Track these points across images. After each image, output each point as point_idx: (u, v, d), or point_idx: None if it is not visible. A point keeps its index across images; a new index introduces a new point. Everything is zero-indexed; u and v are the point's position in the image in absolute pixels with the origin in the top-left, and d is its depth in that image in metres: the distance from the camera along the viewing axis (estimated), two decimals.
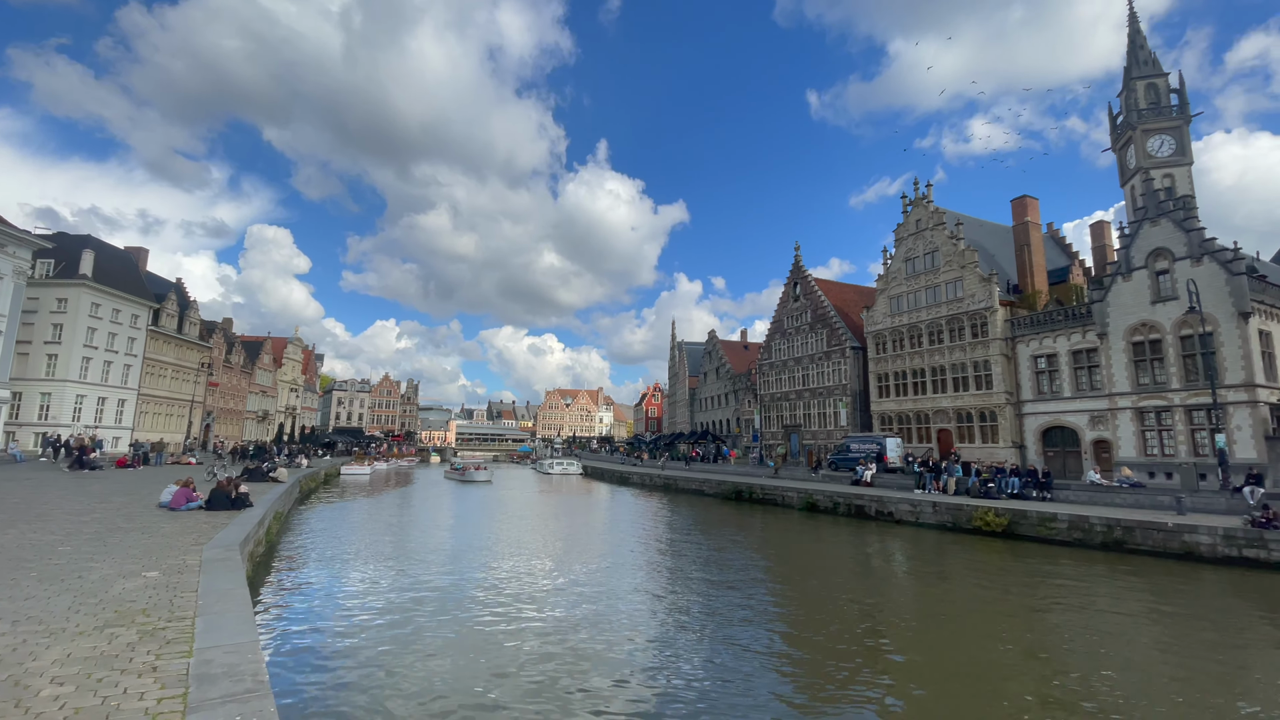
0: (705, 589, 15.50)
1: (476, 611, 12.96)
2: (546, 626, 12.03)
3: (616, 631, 11.79)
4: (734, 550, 21.04)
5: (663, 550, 21.21)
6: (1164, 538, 18.94)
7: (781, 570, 18.22)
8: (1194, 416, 27.60)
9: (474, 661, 10.06)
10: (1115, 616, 13.29)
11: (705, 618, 12.91)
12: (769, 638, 11.61)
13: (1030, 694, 9.01)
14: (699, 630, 12.04)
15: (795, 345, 53.92)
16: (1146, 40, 43.47)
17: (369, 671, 9.49)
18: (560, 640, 11.18)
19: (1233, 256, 27.58)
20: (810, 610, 13.80)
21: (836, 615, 13.28)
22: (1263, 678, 9.75)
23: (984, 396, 36.75)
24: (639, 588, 15.65)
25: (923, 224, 42.12)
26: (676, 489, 44.69)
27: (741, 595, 14.86)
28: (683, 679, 9.53)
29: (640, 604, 13.99)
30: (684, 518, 30.41)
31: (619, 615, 12.92)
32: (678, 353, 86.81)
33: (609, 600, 14.16)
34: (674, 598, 14.63)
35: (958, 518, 24.38)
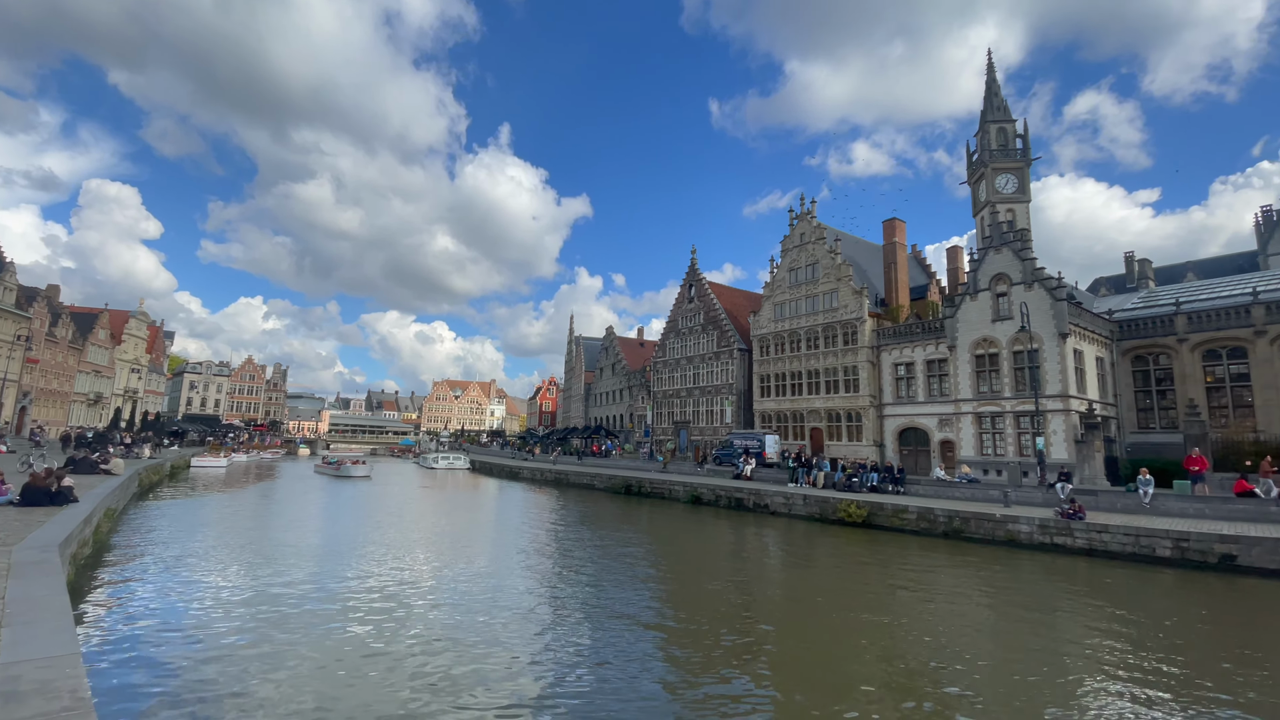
0: (591, 582, 15.69)
1: (344, 619, 12.23)
2: (424, 629, 11.63)
3: (499, 635, 11.61)
4: (621, 543, 21.44)
5: (550, 545, 21.17)
6: (993, 527, 21.71)
7: (665, 561, 18.82)
8: (1020, 421, 31.84)
9: (338, 674, 9.50)
10: (954, 596, 15.10)
11: (591, 610, 13.09)
12: (651, 629, 11.99)
13: (880, 667, 10.04)
14: (584, 622, 12.19)
15: (688, 345, 55.69)
16: (1001, 89, 49.35)
17: (217, 687, 8.71)
18: (438, 644, 10.86)
19: (1057, 284, 32.10)
20: (689, 598, 14.41)
21: (713, 602, 13.98)
22: (1074, 649, 11.50)
23: (851, 399, 40.08)
24: (526, 586, 15.53)
25: (806, 238, 45.08)
26: (568, 484, 44.67)
27: (627, 587, 15.22)
28: (567, 676, 9.62)
29: (526, 602, 13.90)
30: (574, 512, 30.50)
31: (502, 617, 12.74)
32: (575, 347, 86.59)
33: (493, 600, 13.93)
34: (561, 593, 14.69)
35: (825, 509, 26.46)
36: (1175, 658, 10.50)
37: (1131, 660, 10.38)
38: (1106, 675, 9.74)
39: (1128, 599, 14.71)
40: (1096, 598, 14.80)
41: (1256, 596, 14.83)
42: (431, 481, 49.35)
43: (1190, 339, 32.53)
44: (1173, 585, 15.93)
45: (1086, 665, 10.22)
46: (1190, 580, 16.23)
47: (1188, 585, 15.82)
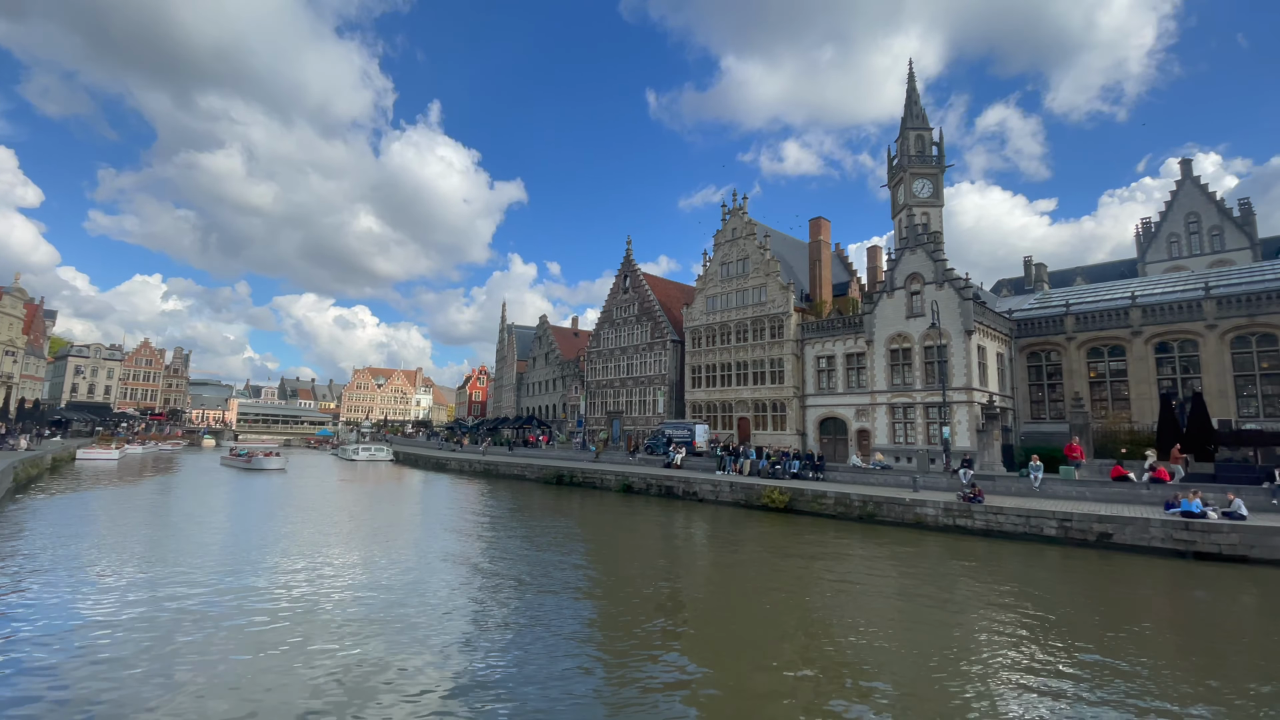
0: (519, 573, 15.62)
1: (252, 620, 11.63)
2: (340, 627, 11.23)
3: (421, 631, 11.34)
4: (550, 533, 21.41)
5: (477, 538, 20.85)
6: (903, 510, 23.20)
7: (594, 550, 18.96)
8: (929, 412, 34.09)
9: (245, 677, 9.06)
10: (867, 577, 16.07)
11: (517, 601, 13.04)
12: (578, 618, 12.09)
13: (800, 646, 10.59)
14: (510, 613, 12.14)
15: (622, 335, 55.90)
16: (920, 98, 52.15)
17: (102, 696, 8.10)
18: (356, 642, 10.53)
19: (964, 285, 34.45)
20: (617, 586, 14.62)
21: (641, 589, 14.25)
22: (972, 621, 12.50)
23: (777, 390, 41.59)
24: (450, 580, 15.25)
25: (738, 233, 46.17)
26: (498, 475, 43.99)
27: (555, 577, 15.25)
28: (490, 667, 9.57)
29: (450, 596, 13.66)
30: (503, 504, 30.11)
31: (425, 611, 12.46)
32: (507, 335, 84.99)
33: (416, 595, 13.60)
34: (487, 585, 14.53)
35: (750, 496, 27.42)
36: (1059, 627, 11.66)
37: (1022, 630, 11.46)
38: (1001, 644, 10.71)
39: (1018, 575, 16.16)
40: (992, 574, 16.17)
41: (1128, 570, 16.64)
42: (351, 474, 47.30)
43: (1077, 338, 35.81)
44: (1057, 561, 17.59)
45: (983, 636, 11.19)
46: (1072, 556, 17.98)
47: (1070, 561, 17.52)
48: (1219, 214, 54.13)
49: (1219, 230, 53.92)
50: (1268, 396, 29.87)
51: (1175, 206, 56.60)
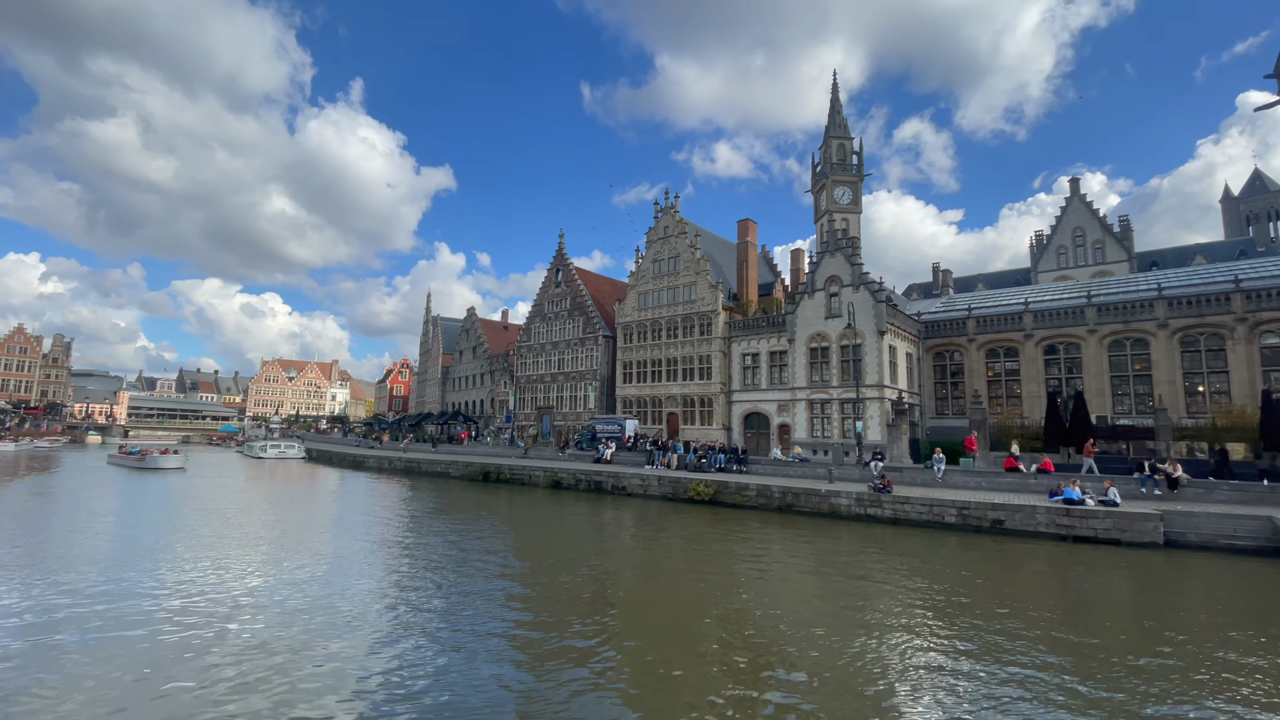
0: (440, 573, 15.22)
1: (143, 631, 10.78)
2: (243, 637, 10.59)
3: (335, 639, 10.86)
4: (474, 532, 20.97)
5: (396, 538, 20.14)
6: (819, 501, 24.32)
7: (520, 547, 18.75)
8: (845, 407, 35.86)
9: (135, 691, 8.41)
10: (786, 566, 16.74)
11: (437, 602, 12.72)
12: (501, 617, 11.94)
13: (722, 636, 10.91)
14: (430, 614, 11.83)
15: (554, 330, 55.35)
16: (843, 108, 54.54)
17: None
18: (260, 652, 9.96)
19: (878, 288, 36.42)
20: (542, 583, 14.53)
21: (567, 585, 14.23)
22: (882, 604, 13.27)
23: (705, 386, 42.52)
24: (366, 583, 14.66)
25: (669, 231, 46.73)
26: (420, 472, 42.55)
27: (478, 576, 14.98)
28: (407, 669, 9.31)
29: (365, 600, 13.15)
30: (425, 503, 29.19)
31: (339, 617, 11.93)
32: (432, 328, 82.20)
33: (328, 601, 12.98)
34: (405, 586, 14.08)
35: (677, 489, 27.92)
36: (958, 606, 12.61)
37: (925, 610, 12.31)
38: (906, 623, 11.47)
39: (922, 560, 17.31)
40: (899, 560, 17.24)
41: (1017, 553, 18.18)
42: (259, 473, 44.40)
43: (977, 339, 38.68)
44: (956, 546, 18.98)
45: (891, 618, 11.94)
46: (970, 542, 19.46)
47: (968, 546, 18.95)
48: (1102, 229, 59.90)
49: (1101, 244, 59.67)
50: (1139, 395, 33.38)
51: (1064, 221, 62.15)
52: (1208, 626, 11.37)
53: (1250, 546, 17.34)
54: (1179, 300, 32.52)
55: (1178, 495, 21.37)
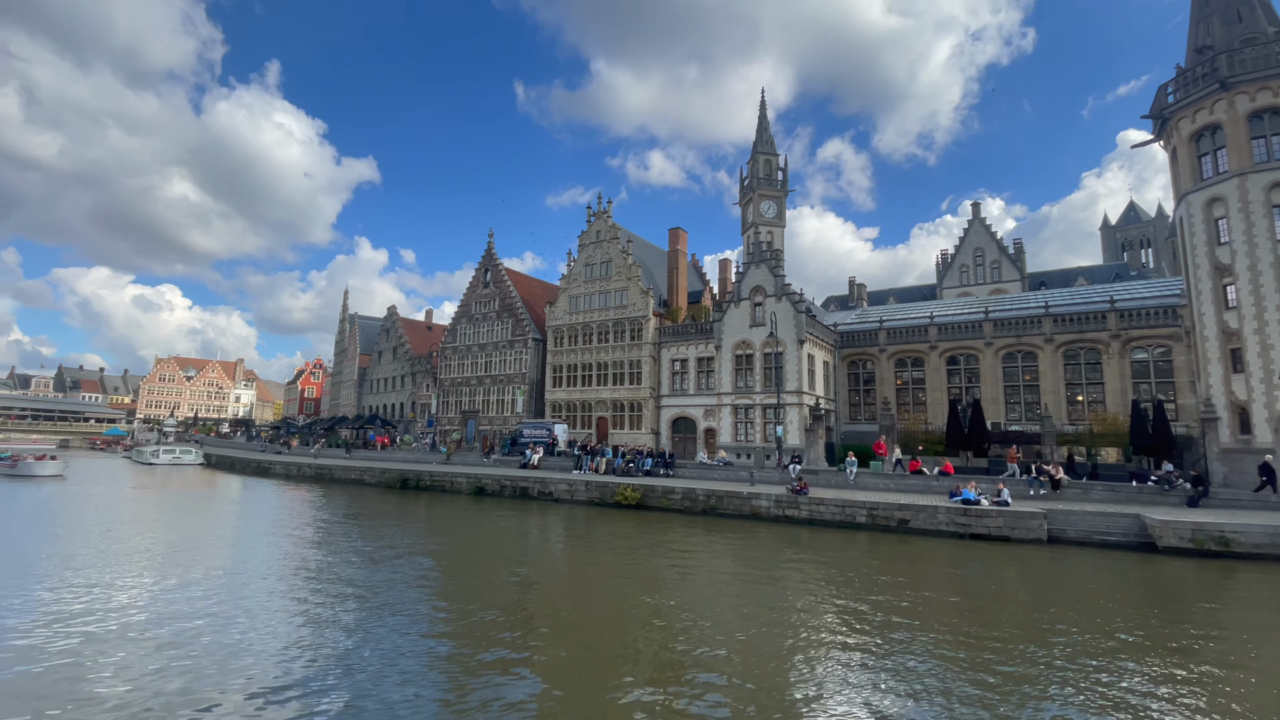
0: (351, 586, 14.51)
1: (23, 657, 9.67)
2: (132, 659, 9.70)
3: (234, 658, 10.16)
4: (392, 540, 20.13)
5: (303, 550, 19.02)
6: (741, 503, 25.01)
7: (441, 556, 18.16)
8: (767, 412, 37.12)
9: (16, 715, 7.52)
10: (708, 567, 17.09)
11: (348, 615, 12.13)
12: (422, 628, 11.53)
13: (644, 637, 10.99)
14: (339, 629, 11.25)
15: (481, 331, 54.07)
16: (770, 125, 56.60)
17: None
18: (153, 674, 9.17)
19: (799, 299, 38.00)
20: (463, 592, 14.15)
21: (491, 594, 13.92)
22: (797, 601, 13.76)
23: (634, 390, 42.83)
24: (269, 599, 13.76)
25: (602, 235, 46.84)
26: (333, 480, 40.34)
27: (393, 587, 14.39)
28: (316, 689, 8.82)
29: (269, 617, 12.35)
30: (337, 512, 27.72)
31: (236, 636, 11.15)
32: (350, 326, 78.27)
33: (226, 622, 12.09)
34: (313, 601, 13.32)
35: (604, 494, 27.92)
36: (867, 600, 13.30)
37: (837, 604, 12.91)
38: (821, 622, 11.98)
39: (835, 558, 18.16)
40: (814, 560, 18.00)
41: (921, 550, 19.39)
42: (150, 480, 40.69)
43: (888, 350, 41.06)
44: (867, 545, 20.03)
45: (807, 616, 12.44)
46: (879, 540, 20.58)
47: (877, 544, 20.04)
48: (999, 250, 65.12)
49: (998, 264, 64.85)
50: (1028, 403, 36.43)
51: (967, 242, 67.13)
52: (1083, 614, 12.57)
53: (1121, 541, 19.30)
54: (1063, 318, 35.85)
55: (1060, 495, 23.52)
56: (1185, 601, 13.99)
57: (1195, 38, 28.58)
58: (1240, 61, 25.69)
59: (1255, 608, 13.51)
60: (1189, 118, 27.36)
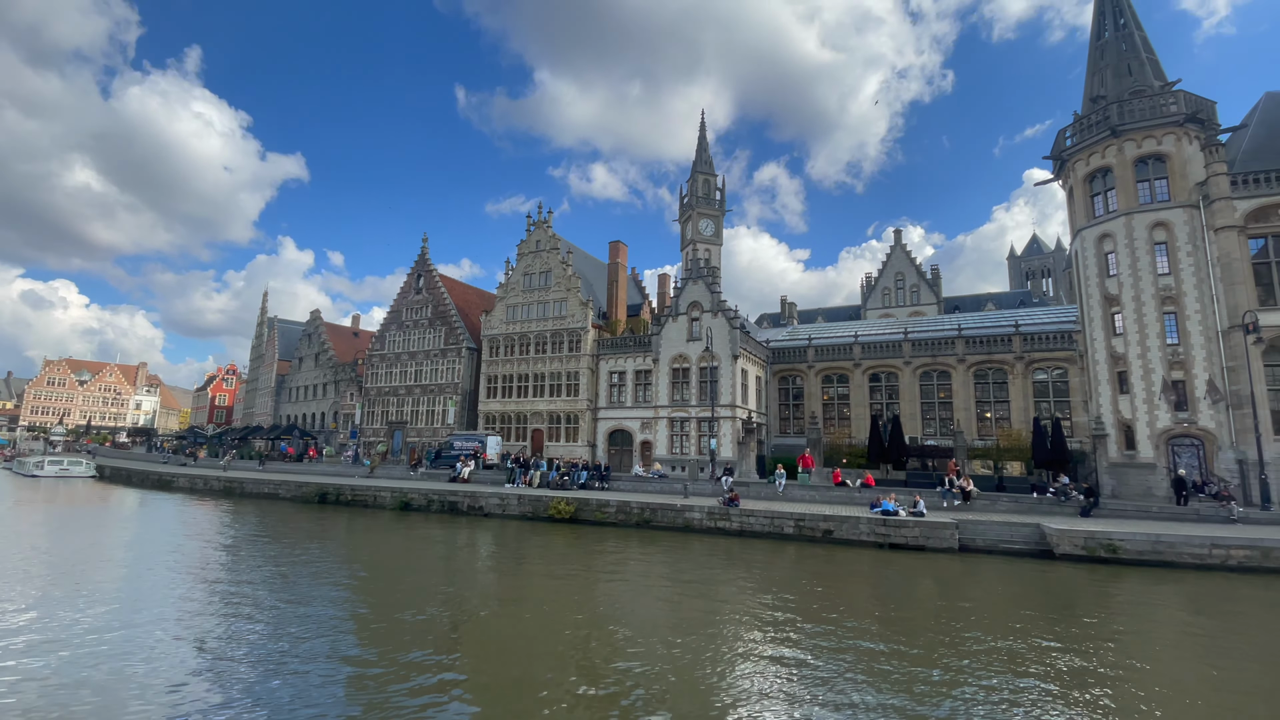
0: (262, 608, 13.57)
1: None
2: (6, 700, 8.67)
3: (127, 697, 9.30)
4: (306, 560, 18.99)
5: (206, 570, 17.66)
6: (674, 515, 25.19)
7: (360, 575, 17.29)
8: (701, 425, 37.68)
9: None
10: (641, 580, 17.04)
11: (261, 643, 11.32)
12: (339, 652, 10.89)
13: (576, 654, 10.81)
14: (251, 663, 10.48)
15: (412, 339, 52.26)
16: (709, 147, 58.12)
17: None
18: (38, 709, 8.23)
19: (734, 315, 38.94)
20: (385, 614, 13.49)
21: (413, 615, 13.33)
22: (727, 611, 13.90)
23: (571, 402, 42.49)
24: (169, 627, 12.67)
25: (542, 245, 46.47)
26: (243, 494, 37.71)
27: (306, 609, 13.56)
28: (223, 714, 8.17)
29: (169, 650, 11.36)
30: (247, 528, 25.93)
31: (132, 672, 10.20)
32: (269, 330, 73.88)
33: (119, 649, 11.03)
34: (219, 630, 12.35)
35: (537, 508, 27.44)
36: (794, 609, 13.62)
37: (769, 619, 13.15)
38: (750, 632, 12.16)
39: (765, 570, 18.54)
40: (744, 571, 18.32)
41: (844, 560, 20.07)
42: (34, 494, 36.71)
43: (816, 366, 42.65)
44: (794, 555, 20.57)
45: (739, 629, 12.60)
46: (805, 550, 21.19)
47: (803, 555, 20.61)
48: (918, 275, 69.14)
49: (917, 288, 68.82)
50: (942, 420, 38.64)
51: (889, 266, 70.94)
52: (993, 620, 13.36)
53: (1024, 549, 20.69)
54: (974, 340, 38.38)
55: (970, 506, 25.01)
56: (1080, 605, 15.12)
57: (1091, 88, 31.58)
58: (1129, 111, 28.55)
59: (1139, 610, 14.78)
60: (1084, 160, 30.12)
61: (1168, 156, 27.84)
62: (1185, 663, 10.93)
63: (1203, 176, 26.98)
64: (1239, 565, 17.76)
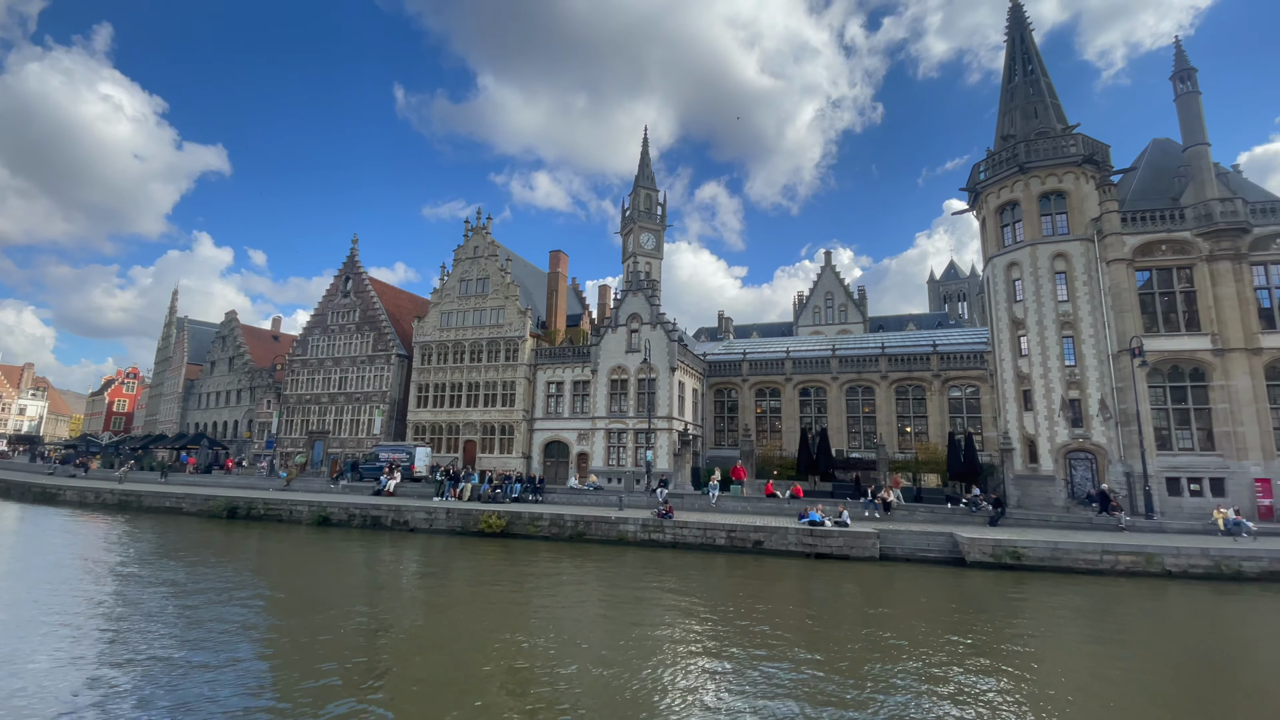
0: (161, 635, 12.43)
1: None
2: None
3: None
4: (212, 580, 17.59)
5: (93, 593, 16.06)
6: (609, 528, 25.00)
7: (271, 596, 16.16)
8: (638, 437, 37.75)
9: None
10: (573, 594, 16.76)
11: (159, 673, 10.33)
12: (246, 682, 10.07)
13: (504, 675, 10.44)
14: (138, 700, 9.54)
15: (337, 344, 49.85)
16: (652, 163, 58.87)
17: None
18: None
19: (672, 328, 39.39)
20: (299, 638, 12.64)
21: (329, 639, 12.55)
22: (664, 633, 13.81)
23: (507, 413, 41.64)
24: (53, 657, 11.41)
25: (480, 251, 45.55)
26: (141, 508, 34.63)
27: (213, 636, 12.52)
28: None
29: (45, 679, 10.22)
30: (143, 546, 23.81)
31: (8, 706, 9.09)
32: (177, 332, 68.75)
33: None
34: (112, 659, 11.22)
35: (466, 522, 26.59)
36: (726, 619, 13.72)
37: (699, 629, 13.17)
38: (681, 646, 12.13)
39: (697, 581, 18.64)
40: (677, 583, 18.34)
41: (773, 569, 20.47)
42: None
43: (750, 380, 43.69)
44: (725, 566, 20.81)
45: (671, 643, 12.55)
46: (736, 561, 21.48)
47: (734, 565, 20.88)
48: (846, 295, 72.29)
49: (845, 307, 71.92)
50: (867, 433, 40.33)
51: (820, 286, 73.86)
52: (910, 624, 13.92)
53: (939, 557, 21.75)
54: (896, 358, 40.39)
55: (890, 516, 26.13)
56: (990, 610, 16.00)
57: (1002, 127, 34.12)
58: (1035, 150, 31.02)
59: (1041, 613, 15.79)
60: (995, 194, 32.44)
61: (1068, 193, 30.40)
62: (1082, 659, 11.73)
63: (1097, 213, 29.60)
64: (1126, 570, 19.34)
